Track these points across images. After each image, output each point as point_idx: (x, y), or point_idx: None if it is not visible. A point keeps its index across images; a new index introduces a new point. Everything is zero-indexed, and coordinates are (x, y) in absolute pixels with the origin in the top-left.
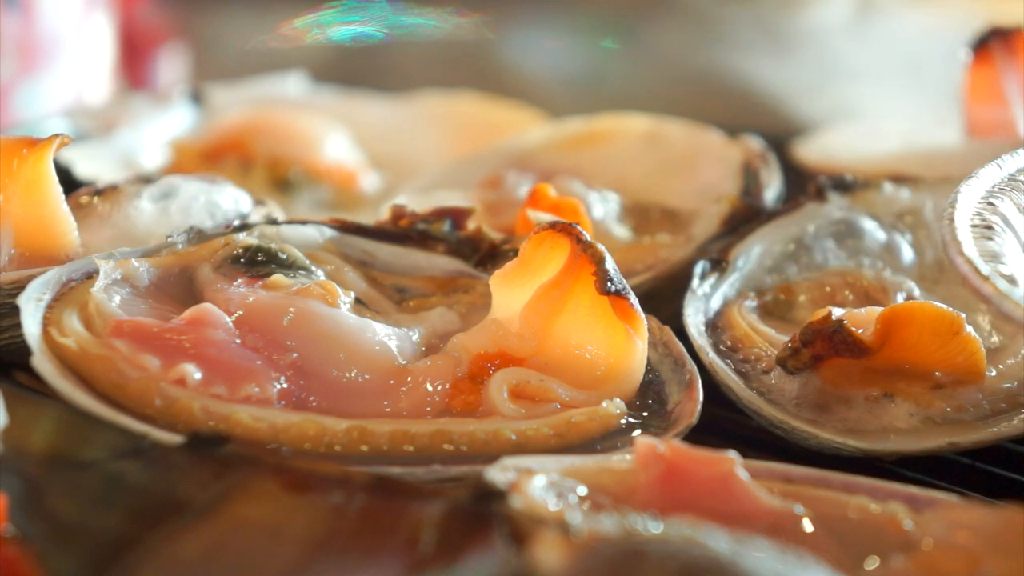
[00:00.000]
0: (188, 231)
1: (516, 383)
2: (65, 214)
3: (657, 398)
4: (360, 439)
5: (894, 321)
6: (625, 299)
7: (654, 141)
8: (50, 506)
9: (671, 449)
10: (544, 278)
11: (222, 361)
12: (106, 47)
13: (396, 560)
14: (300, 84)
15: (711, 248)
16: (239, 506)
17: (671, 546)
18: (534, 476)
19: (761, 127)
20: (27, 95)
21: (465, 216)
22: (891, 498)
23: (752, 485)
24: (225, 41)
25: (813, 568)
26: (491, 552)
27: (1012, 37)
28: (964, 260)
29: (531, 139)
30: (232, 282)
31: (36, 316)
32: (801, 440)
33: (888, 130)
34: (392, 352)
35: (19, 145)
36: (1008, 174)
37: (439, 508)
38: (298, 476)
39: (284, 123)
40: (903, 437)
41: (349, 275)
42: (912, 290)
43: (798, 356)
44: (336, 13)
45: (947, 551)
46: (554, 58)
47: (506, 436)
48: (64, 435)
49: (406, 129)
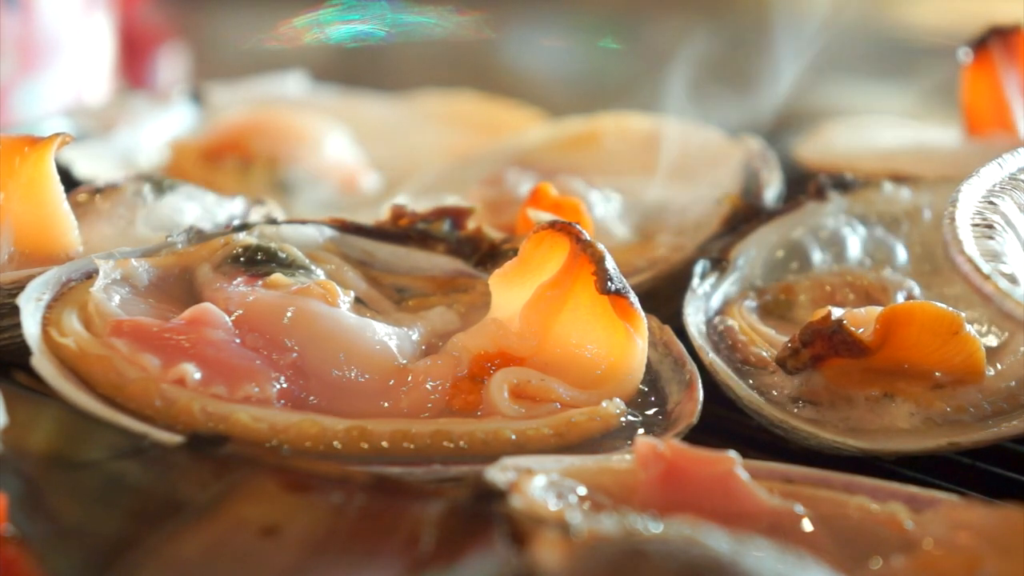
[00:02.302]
0: (188, 231)
1: (516, 382)
2: (66, 213)
3: (657, 398)
4: (360, 438)
5: (894, 321)
6: (625, 298)
7: (654, 141)
8: (50, 506)
9: (671, 449)
10: (544, 277)
11: (222, 361)
12: (106, 47)
13: (396, 560)
14: (300, 84)
15: (711, 248)
16: (239, 506)
17: (671, 546)
18: (534, 476)
19: (761, 127)
20: (27, 95)
21: (465, 216)
22: (891, 498)
23: (752, 485)
24: (225, 41)
25: (813, 568)
26: (491, 552)
27: (1011, 37)
28: (965, 259)
29: (531, 138)
30: (232, 281)
31: (36, 316)
32: (801, 440)
33: (888, 129)
34: (392, 351)
35: (20, 144)
36: (1009, 173)
37: (439, 508)
38: (298, 476)
39: (284, 123)
40: (903, 437)
41: (349, 274)
42: (912, 289)
43: (798, 356)
44: (336, 13)
45: (947, 551)
46: (554, 58)
47: (506, 436)
48: (64, 435)
49: (406, 129)
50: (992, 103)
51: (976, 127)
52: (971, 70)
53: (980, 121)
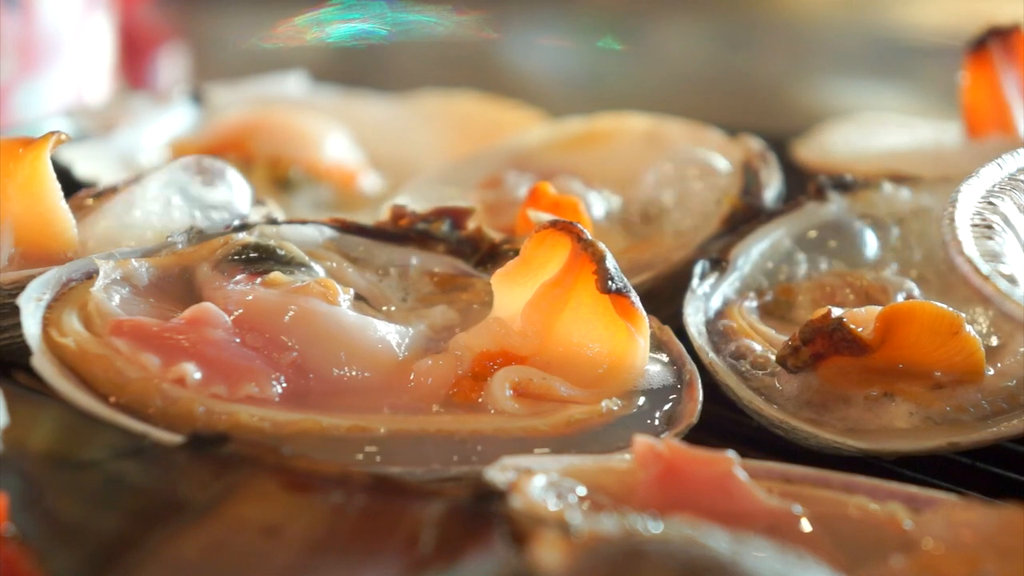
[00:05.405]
0: (188, 231)
1: (518, 381)
2: (64, 212)
3: (657, 397)
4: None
5: (894, 319)
6: (626, 297)
7: (654, 141)
8: (50, 506)
9: (670, 448)
10: (545, 277)
11: (222, 360)
12: (106, 47)
13: (396, 560)
14: (300, 84)
15: (711, 248)
16: (239, 506)
17: (671, 546)
18: (534, 476)
19: (761, 127)
20: (27, 95)
21: (465, 216)
22: (891, 498)
23: (750, 485)
24: (225, 41)
25: (813, 568)
26: (491, 552)
27: (1010, 37)
28: (964, 260)
29: (531, 139)
30: (231, 280)
31: (36, 316)
32: (801, 440)
33: (888, 129)
34: (393, 350)
35: (16, 145)
36: (1008, 173)
37: (439, 508)
38: (298, 476)
39: (284, 123)
40: (903, 437)
41: (349, 272)
42: (912, 290)
43: (798, 354)
44: (336, 13)
45: (947, 551)
46: (554, 58)
47: (507, 434)
48: (64, 435)
49: (406, 129)
50: (991, 103)
51: (976, 127)
52: (971, 70)
53: (980, 121)
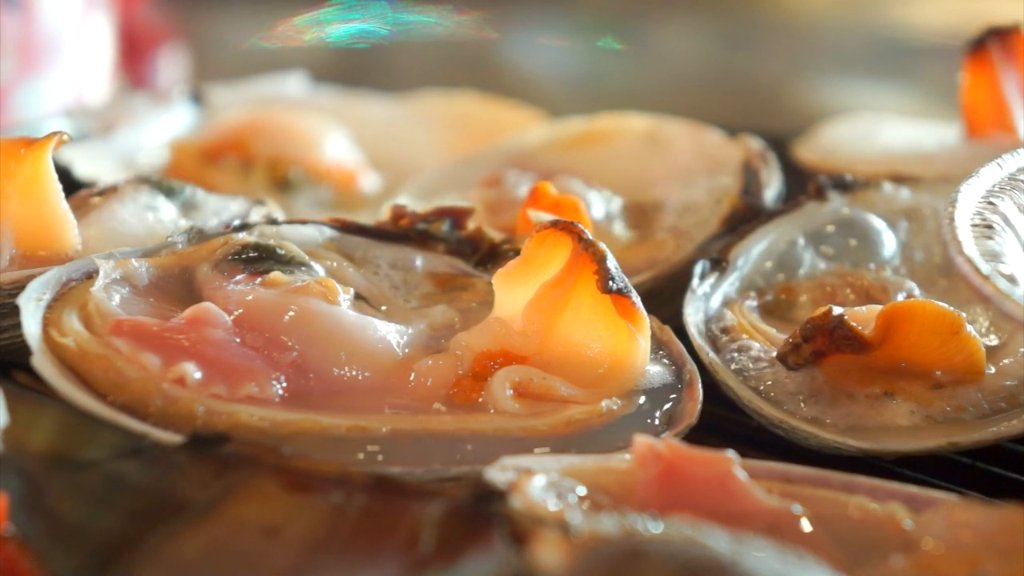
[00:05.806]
0: (188, 231)
1: (519, 381)
2: (65, 212)
3: (658, 397)
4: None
5: (894, 318)
6: (627, 297)
7: (654, 141)
8: (50, 506)
9: (670, 448)
10: (546, 277)
11: (222, 360)
12: (106, 47)
13: (396, 560)
14: (300, 84)
15: (711, 248)
16: (239, 506)
17: (671, 546)
18: (534, 476)
19: (761, 127)
20: (27, 95)
21: (465, 216)
22: (891, 498)
23: (750, 485)
24: (225, 41)
25: (813, 568)
26: (491, 552)
27: (1010, 37)
28: (964, 259)
29: (531, 139)
30: (231, 280)
31: (36, 316)
32: (801, 440)
33: (888, 129)
34: (393, 350)
35: (17, 145)
36: (1008, 173)
37: (439, 508)
38: (298, 476)
39: (284, 123)
40: (903, 437)
41: (349, 271)
42: (912, 290)
43: (799, 351)
44: (336, 13)
45: (947, 551)
46: (554, 58)
47: (508, 434)
48: (64, 435)
49: (406, 129)
50: (991, 103)
51: (976, 127)
52: (970, 70)
53: (980, 121)
